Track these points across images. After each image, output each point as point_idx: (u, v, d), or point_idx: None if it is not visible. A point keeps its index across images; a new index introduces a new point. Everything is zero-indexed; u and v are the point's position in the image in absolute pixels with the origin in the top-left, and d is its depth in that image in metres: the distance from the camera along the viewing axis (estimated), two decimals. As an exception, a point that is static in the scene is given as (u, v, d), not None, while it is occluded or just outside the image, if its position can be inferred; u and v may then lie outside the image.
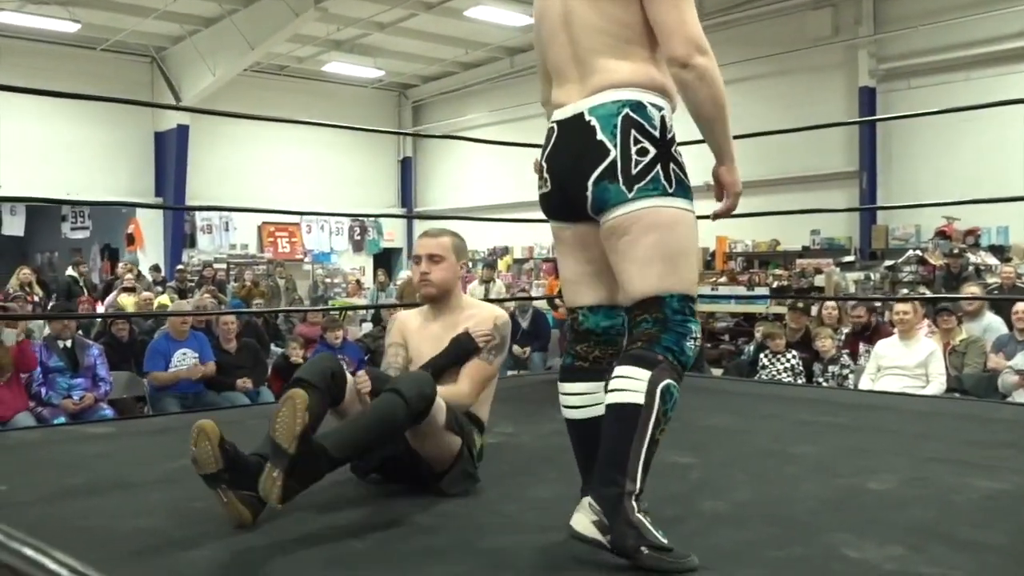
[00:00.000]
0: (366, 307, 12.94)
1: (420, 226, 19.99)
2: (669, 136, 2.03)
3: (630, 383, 1.92)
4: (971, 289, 7.16)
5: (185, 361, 6.60)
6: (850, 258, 12.35)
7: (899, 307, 6.21)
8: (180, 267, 14.03)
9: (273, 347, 8.76)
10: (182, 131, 16.58)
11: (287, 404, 2.05)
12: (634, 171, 1.97)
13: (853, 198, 12.79)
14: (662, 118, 2.03)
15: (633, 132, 1.98)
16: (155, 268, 13.97)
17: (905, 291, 9.75)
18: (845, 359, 6.82)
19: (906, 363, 6.01)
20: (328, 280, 17.44)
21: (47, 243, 18.82)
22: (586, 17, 2.06)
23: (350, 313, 12.56)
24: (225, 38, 14.93)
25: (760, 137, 6.05)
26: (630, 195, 1.97)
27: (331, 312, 9.04)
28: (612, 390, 1.95)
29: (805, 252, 13.00)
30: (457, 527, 2.31)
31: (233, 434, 2.34)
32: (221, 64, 15.28)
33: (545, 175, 2.14)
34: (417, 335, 2.89)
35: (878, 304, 8.10)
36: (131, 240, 16.94)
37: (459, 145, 18.59)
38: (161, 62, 16.64)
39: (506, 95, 17.87)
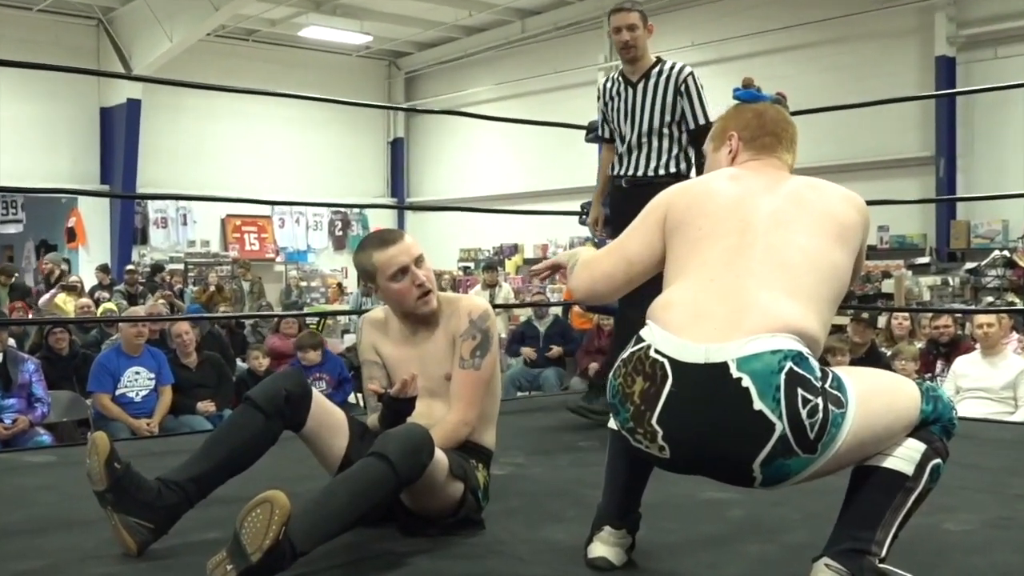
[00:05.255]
0: (349, 313, 12.99)
1: (413, 220, 20.07)
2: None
3: (903, 451, 2.08)
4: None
5: (138, 381, 6.62)
6: (924, 259, 12.35)
7: (981, 319, 6.21)
8: (130, 267, 14.08)
9: (239, 363, 8.79)
10: (133, 106, 16.67)
11: (263, 507, 2.09)
12: (811, 435, 1.95)
13: (929, 188, 12.79)
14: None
15: (800, 392, 1.94)
16: (103, 269, 14.00)
17: (990, 299, 9.74)
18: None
19: (991, 384, 6.02)
20: (304, 283, 17.50)
21: (-29, 239, 18.91)
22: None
23: (329, 322, 12.63)
24: (184, -4, 15.03)
25: (817, 115, 6.07)
26: (816, 455, 1.97)
27: (308, 324, 9.07)
28: (880, 452, 2.08)
29: (872, 252, 13.00)
30: (461, 573, 2.35)
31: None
32: (179, 28, 15.36)
33: (661, 442, 2.02)
34: (395, 354, 2.85)
35: (958, 315, 8.10)
36: (72, 235, 17.03)
37: (460, 124, 18.65)
38: (108, 25, 16.74)
39: (515, 66, 17.94)
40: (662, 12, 15.62)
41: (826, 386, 1.96)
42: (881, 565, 2.03)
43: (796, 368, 1.93)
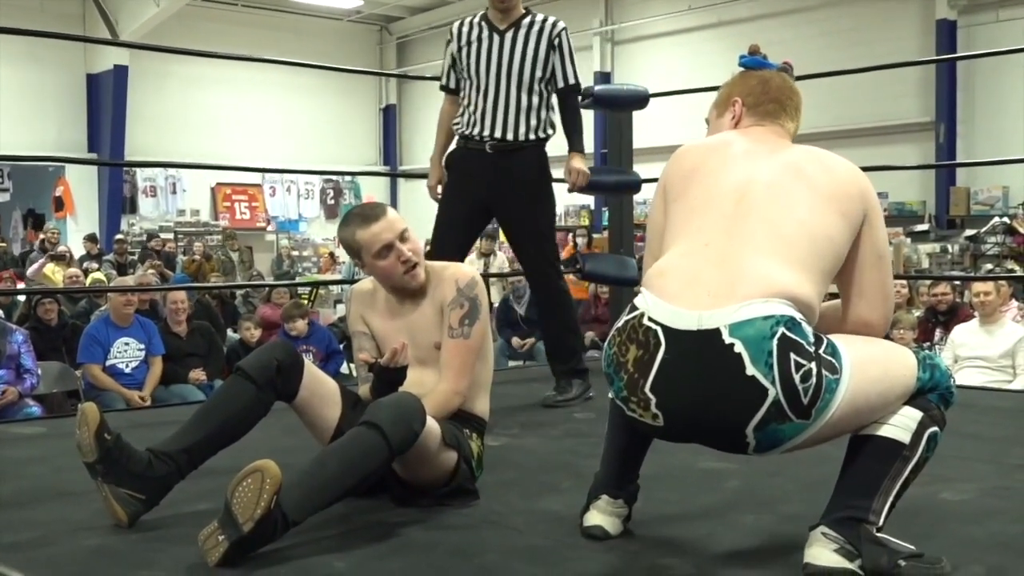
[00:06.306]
0: (341, 282, 12.98)
1: (405, 187, 20.01)
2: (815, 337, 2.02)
3: (899, 419, 2.09)
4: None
5: (128, 352, 6.64)
6: (923, 227, 12.36)
7: (979, 287, 6.23)
8: (119, 237, 14.08)
9: (231, 333, 8.82)
10: (120, 73, 16.57)
11: (254, 476, 2.10)
12: (805, 400, 1.95)
13: (928, 154, 12.77)
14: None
15: (793, 357, 1.94)
16: (91, 238, 13.99)
17: (989, 266, 9.77)
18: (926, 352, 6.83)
19: (989, 353, 6.05)
20: (296, 253, 17.49)
21: (-42, 208, 18.82)
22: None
23: (322, 292, 12.63)
24: (171, -40, 14.91)
25: (815, 80, 6.03)
26: (810, 420, 1.97)
27: (299, 294, 9.08)
28: (876, 421, 2.09)
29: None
30: (455, 543, 2.36)
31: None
32: (166, -8, 15.25)
33: (655, 409, 2.03)
34: (383, 325, 2.86)
35: (957, 283, 8.12)
36: (59, 205, 16.97)
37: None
38: (94, -10, 16.60)
39: (510, 30, 17.79)
40: (658, -25, 15.55)
41: (820, 351, 1.97)
42: (878, 534, 2.04)
43: (789, 333, 1.94)
